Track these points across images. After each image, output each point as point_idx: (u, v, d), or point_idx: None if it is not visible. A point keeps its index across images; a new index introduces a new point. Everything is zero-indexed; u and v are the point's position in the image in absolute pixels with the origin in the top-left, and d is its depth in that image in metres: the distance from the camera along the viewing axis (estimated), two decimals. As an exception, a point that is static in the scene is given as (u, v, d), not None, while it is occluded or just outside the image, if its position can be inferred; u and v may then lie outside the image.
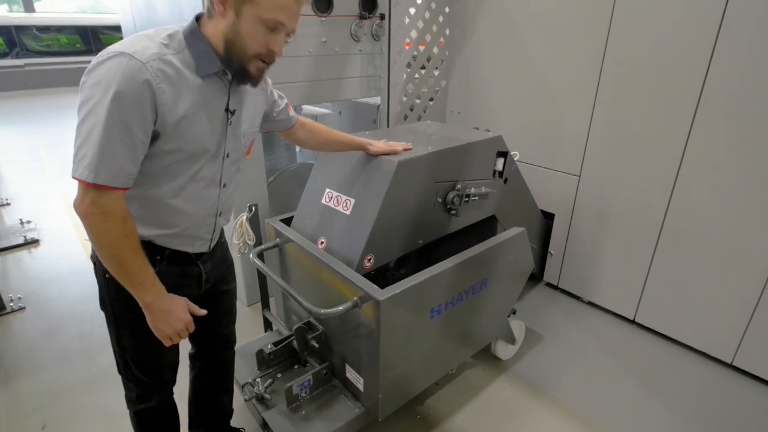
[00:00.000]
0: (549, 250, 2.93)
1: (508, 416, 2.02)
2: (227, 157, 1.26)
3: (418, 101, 3.08)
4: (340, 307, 1.52)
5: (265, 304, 2.24)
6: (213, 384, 1.69)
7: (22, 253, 3.53)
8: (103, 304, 1.29)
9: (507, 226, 2.44)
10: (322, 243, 1.83)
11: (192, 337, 1.56)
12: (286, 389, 1.70)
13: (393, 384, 1.69)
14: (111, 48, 1.03)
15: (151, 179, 1.13)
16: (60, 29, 12.64)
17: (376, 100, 3.15)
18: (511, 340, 2.31)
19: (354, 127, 4.00)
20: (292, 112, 1.59)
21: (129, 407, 1.46)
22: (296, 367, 1.96)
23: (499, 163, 2.21)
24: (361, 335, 1.63)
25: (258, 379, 1.83)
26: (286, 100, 1.55)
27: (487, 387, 2.18)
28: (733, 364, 2.27)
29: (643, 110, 2.29)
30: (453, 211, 1.99)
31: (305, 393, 1.78)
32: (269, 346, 1.91)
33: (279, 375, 1.91)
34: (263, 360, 1.90)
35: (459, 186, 1.97)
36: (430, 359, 1.85)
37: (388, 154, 1.75)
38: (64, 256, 3.46)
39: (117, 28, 13.03)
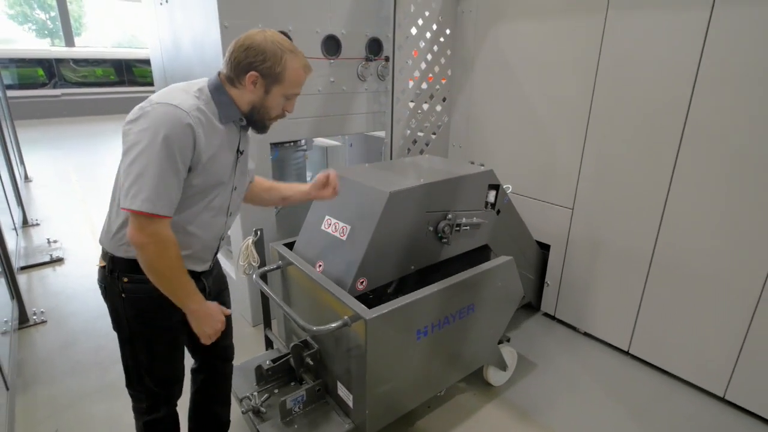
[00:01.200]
0: (545, 280, 3.00)
1: (495, 441, 2.08)
2: (235, 189, 1.47)
3: (421, 135, 3.25)
4: (332, 325, 1.64)
5: (267, 324, 2.37)
6: (212, 396, 1.81)
7: (47, 271, 3.75)
8: (118, 324, 1.43)
9: (501, 255, 2.55)
10: (320, 266, 1.97)
11: (194, 351, 1.71)
12: (280, 403, 1.82)
13: (381, 401, 1.78)
14: (153, 99, 1.22)
15: (182, 208, 1.31)
16: (97, 62, 13.49)
17: (383, 133, 3.34)
18: (503, 366, 2.38)
19: (363, 159, 4.20)
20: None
21: (138, 418, 1.58)
22: (293, 384, 2.06)
23: (491, 196, 2.33)
24: (351, 353, 1.74)
25: (255, 393, 1.94)
26: None
27: (478, 411, 2.24)
28: (725, 397, 2.29)
29: (630, 146, 2.41)
30: (444, 240, 2.12)
31: (299, 408, 1.88)
32: (268, 363, 2.03)
33: (276, 391, 2.02)
34: (261, 375, 2.02)
35: (450, 216, 2.10)
36: (418, 379, 1.93)
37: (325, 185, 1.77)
38: (86, 274, 3.66)
39: (148, 62, 13.85)
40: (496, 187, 2.33)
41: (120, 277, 1.34)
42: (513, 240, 2.64)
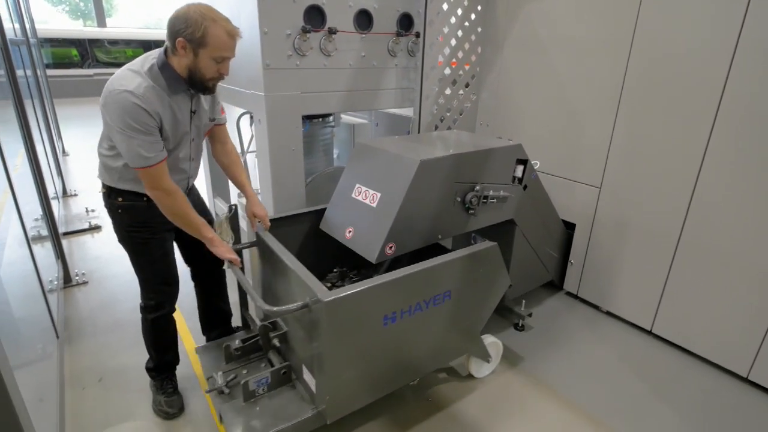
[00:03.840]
0: (569, 259, 3.02)
1: (512, 404, 2.13)
2: (193, 140, 1.89)
3: (448, 113, 3.27)
4: (291, 306, 1.58)
5: (244, 303, 2.34)
6: (211, 294, 2.31)
7: (86, 237, 3.95)
8: (119, 233, 1.88)
9: (526, 231, 2.58)
10: (350, 231, 2.04)
11: (189, 262, 2.21)
12: (242, 384, 1.77)
13: (343, 388, 1.69)
14: (113, 86, 1.57)
15: None
16: (128, 43, 13.79)
17: (410, 112, 3.36)
18: (485, 358, 2.25)
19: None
20: (222, 116, 2.06)
21: (145, 317, 1.99)
22: (264, 365, 2.01)
23: (519, 170, 2.36)
24: (312, 336, 1.64)
25: (220, 373, 1.90)
26: (221, 105, 2.05)
27: (496, 379, 2.30)
28: (749, 377, 2.28)
29: (662, 125, 2.39)
30: (471, 211, 2.16)
31: (263, 390, 1.83)
32: (237, 342, 2.01)
33: (245, 371, 1.96)
34: (230, 355, 1.99)
35: (478, 187, 2.14)
36: (387, 367, 1.82)
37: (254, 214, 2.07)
38: (122, 242, 3.84)
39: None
40: (524, 162, 2.35)
41: (116, 198, 1.80)
42: (539, 216, 2.66)
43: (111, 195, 1.81)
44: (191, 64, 1.64)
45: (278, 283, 1.96)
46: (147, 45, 14.05)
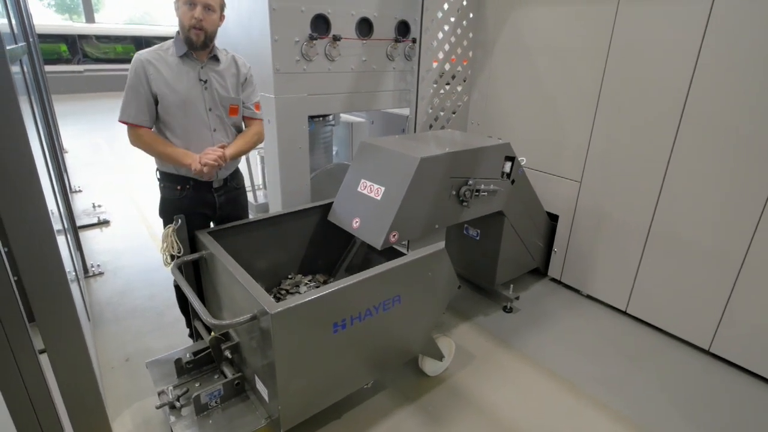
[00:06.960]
0: (553, 247, 3.28)
1: (502, 374, 2.39)
2: (210, 110, 2.04)
3: (442, 113, 3.51)
4: (240, 318, 1.58)
5: (195, 314, 2.28)
6: None
7: (95, 232, 4.11)
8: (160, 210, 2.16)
9: (514, 221, 2.84)
10: (356, 222, 2.27)
11: None
12: (194, 398, 1.75)
13: (295, 396, 1.71)
14: None
15: (167, 123, 1.99)
16: (118, 39, 13.75)
17: (405, 111, 3.59)
18: (438, 357, 2.31)
19: (384, 134, 4.46)
20: (257, 112, 2.25)
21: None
22: (217, 377, 1.99)
23: (507, 166, 2.61)
24: (262, 347, 1.66)
25: (171, 387, 1.89)
26: (256, 100, 2.25)
27: (488, 355, 2.55)
28: (710, 350, 2.58)
29: (634, 127, 2.66)
30: (465, 203, 2.40)
31: (215, 402, 1.82)
32: (188, 356, 1.99)
33: (197, 384, 1.94)
34: (181, 368, 1.97)
35: (471, 182, 2.38)
36: (339, 373, 1.84)
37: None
38: (131, 235, 4.02)
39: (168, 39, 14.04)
40: (512, 158, 2.60)
41: (158, 178, 2.12)
42: (525, 209, 2.92)
43: (157, 172, 2.14)
44: (178, 19, 1.90)
45: (225, 294, 1.94)
46: (138, 41, 14.02)
